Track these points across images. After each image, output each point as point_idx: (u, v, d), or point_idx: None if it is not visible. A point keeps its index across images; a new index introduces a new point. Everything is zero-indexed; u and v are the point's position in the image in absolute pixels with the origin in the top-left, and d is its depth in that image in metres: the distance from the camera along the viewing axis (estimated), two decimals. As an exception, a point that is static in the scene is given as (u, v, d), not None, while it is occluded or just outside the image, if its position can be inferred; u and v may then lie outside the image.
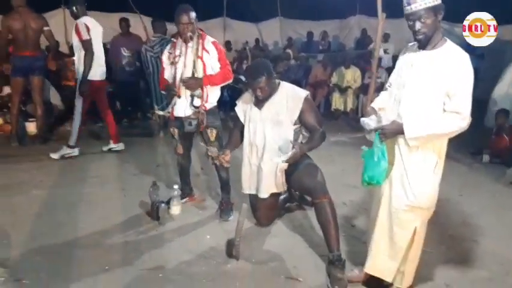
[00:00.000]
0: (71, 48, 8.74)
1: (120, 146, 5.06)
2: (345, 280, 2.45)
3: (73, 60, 7.45)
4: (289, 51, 9.77)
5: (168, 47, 3.35)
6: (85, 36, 4.38)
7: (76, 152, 4.79)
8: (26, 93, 5.41)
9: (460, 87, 2.01)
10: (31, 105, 5.58)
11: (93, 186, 3.96)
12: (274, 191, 2.95)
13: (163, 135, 5.79)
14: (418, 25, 2.04)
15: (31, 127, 5.56)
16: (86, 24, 4.41)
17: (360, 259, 2.56)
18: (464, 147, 5.37)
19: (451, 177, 4.34)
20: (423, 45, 2.11)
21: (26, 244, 2.84)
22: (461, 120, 2.02)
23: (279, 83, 2.92)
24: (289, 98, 2.83)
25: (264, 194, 2.94)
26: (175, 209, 3.30)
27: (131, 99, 6.80)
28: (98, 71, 4.61)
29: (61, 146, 4.74)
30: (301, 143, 2.83)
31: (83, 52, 4.46)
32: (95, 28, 4.57)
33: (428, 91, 2.07)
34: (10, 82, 5.30)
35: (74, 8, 4.56)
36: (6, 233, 2.98)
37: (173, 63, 3.23)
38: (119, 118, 6.29)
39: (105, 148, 5.02)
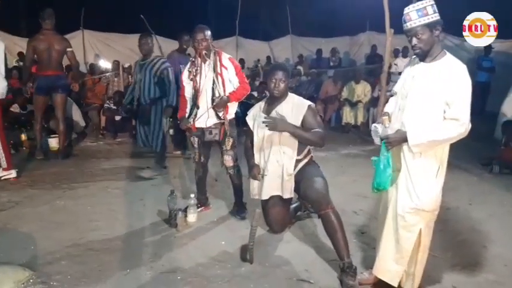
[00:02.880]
0: (90, 67, 9.15)
1: (12, 174, 4.55)
2: (357, 286, 2.55)
3: (92, 79, 7.84)
4: (300, 67, 9.99)
5: (188, 65, 3.55)
6: None
7: (13, 174, 4.54)
8: (47, 111, 5.64)
9: (458, 95, 2.13)
10: (53, 122, 5.83)
11: (114, 196, 4.14)
12: (277, 193, 3.01)
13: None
14: (414, 40, 2.21)
15: (53, 143, 5.80)
16: None
17: (370, 263, 2.67)
18: (474, 159, 5.46)
19: (461, 186, 4.45)
20: (421, 58, 2.27)
21: (52, 249, 3.00)
22: (459, 126, 2.14)
23: (287, 94, 3.08)
24: (295, 106, 2.98)
25: (265, 196, 3.03)
26: (192, 216, 3.45)
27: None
28: None
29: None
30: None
31: None
32: None
33: (428, 100, 2.21)
34: (33, 100, 5.54)
35: None
36: (34, 240, 3.15)
37: (193, 81, 3.44)
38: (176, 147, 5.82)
39: None
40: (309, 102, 3.01)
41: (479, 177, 4.92)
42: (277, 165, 2.97)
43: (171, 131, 5.84)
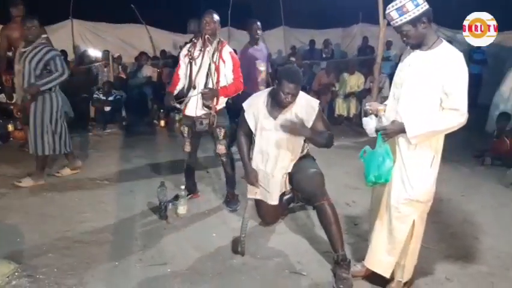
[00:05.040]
0: (79, 57, 8.99)
1: None
2: (351, 279, 2.51)
3: (81, 68, 7.70)
4: (293, 59, 9.90)
5: (188, 45, 3.50)
6: None
7: None
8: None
9: (456, 84, 2.09)
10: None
11: (103, 188, 4.07)
12: (280, 193, 2.98)
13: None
14: (403, 36, 2.20)
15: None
16: None
17: (362, 255, 2.63)
18: (466, 151, 5.46)
19: (454, 178, 4.44)
20: (416, 48, 2.23)
21: (38, 242, 2.94)
22: (460, 116, 2.11)
23: None
24: (303, 109, 2.75)
25: (274, 202, 2.94)
26: (182, 208, 3.40)
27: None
28: None
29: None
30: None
31: None
32: None
33: (424, 89, 2.17)
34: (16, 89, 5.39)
35: None
36: (20, 232, 3.08)
37: (190, 63, 3.38)
38: None
39: None
40: (317, 104, 2.78)
41: (471, 169, 4.92)
42: (284, 171, 2.85)
43: None
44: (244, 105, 2.96)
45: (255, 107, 2.89)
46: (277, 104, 2.76)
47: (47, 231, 3.11)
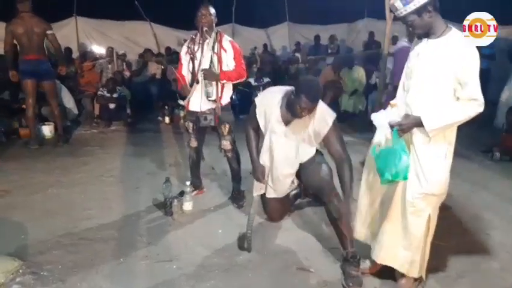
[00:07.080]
0: (83, 54, 8.97)
1: None
2: (360, 277, 2.45)
3: (87, 66, 7.69)
4: (298, 55, 9.85)
5: (187, 42, 3.48)
6: None
7: None
8: (40, 98, 5.51)
9: (470, 73, 2.04)
10: (46, 108, 5.72)
11: (108, 185, 4.04)
12: (289, 190, 3.02)
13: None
14: (408, 26, 2.15)
15: (46, 130, 5.68)
16: None
17: (369, 252, 2.57)
18: (475, 146, 5.38)
19: (462, 174, 4.36)
20: (424, 37, 2.17)
21: (43, 239, 2.91)
22: (478, 106, 2.06)
23: None
24: (317, 121, 2.63)
25: (282, 195, 3.00)
26: (188, 205, 3.37)
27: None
28: None
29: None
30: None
31: None
32: None
33: (435, 79, 2.10)
34: (21, 86, 5.36)
35: None
36: (24, 229, 3.06)
37: (191, 58, 3.35)
38: None
39: None
40: (332, 118, 2.62)
41: (480, 164, 4.85)
42: (291, 177, 2.87)
43: None
44: (257, 100, 2.86)
45: (268, 106, 2.77)
46: (291, 113, 2.63)
47: (52, 228, 3.08)
